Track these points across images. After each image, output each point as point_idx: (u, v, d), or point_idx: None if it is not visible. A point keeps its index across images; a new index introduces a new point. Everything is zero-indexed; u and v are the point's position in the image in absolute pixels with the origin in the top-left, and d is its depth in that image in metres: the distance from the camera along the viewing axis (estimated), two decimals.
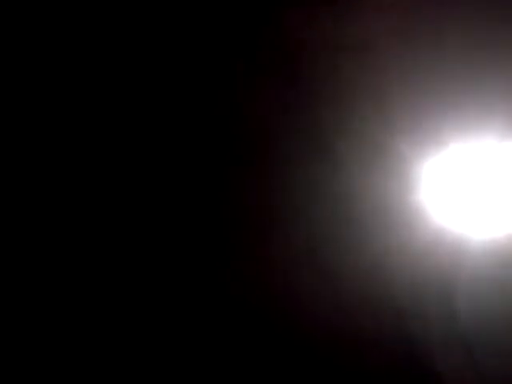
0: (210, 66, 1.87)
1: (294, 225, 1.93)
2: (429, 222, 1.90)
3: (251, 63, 1.88)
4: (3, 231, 1.83)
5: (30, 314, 1.85)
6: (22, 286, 1.85)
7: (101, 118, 1.86)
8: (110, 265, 1.87)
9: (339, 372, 1.93)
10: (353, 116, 1.89)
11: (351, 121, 1.89)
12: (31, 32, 1.76)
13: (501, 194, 1.87)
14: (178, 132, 1.88)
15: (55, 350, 1.85)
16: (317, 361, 1.92)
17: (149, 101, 1.87)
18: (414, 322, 1.92)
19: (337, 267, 1.94)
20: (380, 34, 1.87)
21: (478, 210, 1.88)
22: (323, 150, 1.90)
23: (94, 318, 1.87)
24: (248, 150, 1.92)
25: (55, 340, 1.85)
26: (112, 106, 1.85)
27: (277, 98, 1.90)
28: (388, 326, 1.93)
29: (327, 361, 1.92)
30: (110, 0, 1.81)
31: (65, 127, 1.83)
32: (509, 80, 1.84)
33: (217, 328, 1.91)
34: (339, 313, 1.94)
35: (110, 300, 1.87)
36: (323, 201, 1.91)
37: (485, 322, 1.90)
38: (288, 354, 1.91)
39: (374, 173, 1.90)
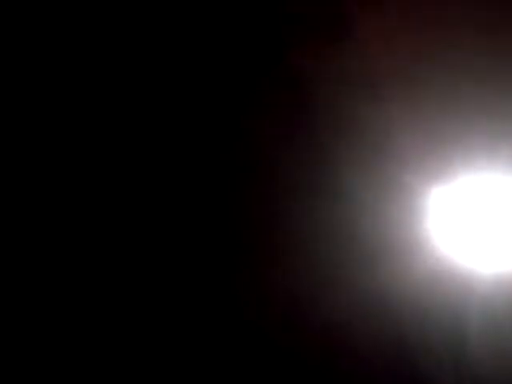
0: (218, 96, 1.90)
1: (299, 250, 1.93)
2: (435, 255, 1.89)
3: (259, 96, 1.91)
4: (3, 231, 1.84)
5: (30, 314, 1.85)
6: (22, 286, 1.85)
7: (104, 130, 1.88)
8: (116, 271, 1.88)
9: None
10: (359, 148, 1.91)
11: (358, 152, 1.90)
12: (31, 32, 1.77)
13: (507, 227, 1.87)
14: (183, 152, 1.90)
15: (55, 350, 1.84)
16: (318, 378, 1.91)
17: (155, 123, 1.90)
18: (422, 355, 1.90)
19: (342, 299, 1.93)
20: (385, 70, 1.89)
21: (486, 242, 1.88)
22: (329, 181, 1.91)
23: (97, 322, 1.86)
24: (251, 177, 1.93)
25: (55, 340, 1.84)
26: (116, 113, 1.87)
27: (283, 130, 1.92)
28: (395, 359, 1.91)
29: (330, 378, 1.91)
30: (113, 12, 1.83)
31: (65, 127, 1.84)
32: None
33: (220, 339, 1.90)
34: (345, 344, 1.93)
35: (114, 305, 1.87)
36: (329, 231, 1.91)
37: (494, 355, 1.87)
38: (288, 369, 1.91)
39: (382, 204, 1.90)
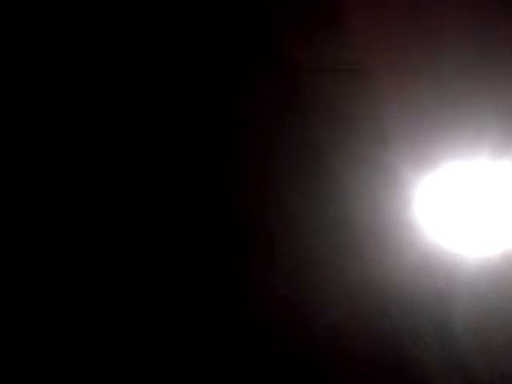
0: (205, 85, 1.90)
1: (291, 246, 1.95)
2: (424, 241, 1.91)
3: (248, 84, 1.92)
4: (3, 231, 1.84)
5: (30, 314, 1.85)
6: (22, 286, 1.85)
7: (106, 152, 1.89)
8: (114, 272, 1.89)
9: None
10: (349, 137, 1.92)
11: (348, 142, 1.92)
12: (31, 32, 1.76)
13: (494, 212, 1.90)
14: (174, 144, 1.91)
15: (55, 350, 1.85)
16: (315, 379, 1.92)
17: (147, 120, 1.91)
18: (409, 339, 1.92)
19: (332, 287, 1.95)
20: (376, 58, 1.90)
21: (472, 228, 1.90)
22: (319, 170, 1.92)
23: (94, 317, 1.87)
24: (243, 167, 1.94)
25: (55, 340, 1.85)
26: (110, 109, 1.87)
27: (274, 120, 1.93)
28: (383, 343, 1.93)
29: (326, 379, 1.92)
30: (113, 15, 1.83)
31: (65, 128, 1.84)
32: (501, 101, 1.87)
33: (216, 339, 1.91)
34: (335, 332, 1.94)
35: (111, 305, 1.88)
36: (319, 220, 1.93)
37: (480, 339, 1.90)
38: (285, 371, 1.92)
39: (370, 192, 1.92)
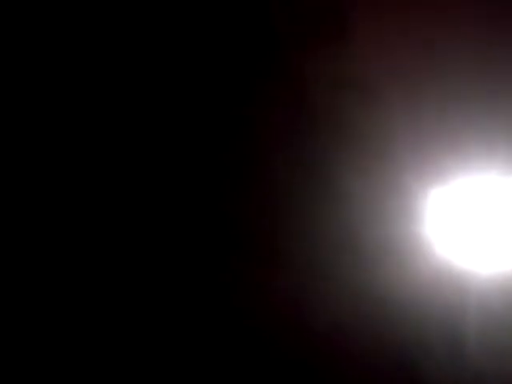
0: (213, 95, 1.90)
1: (298, 255, 1.94)
2: (434, 257, 1.90)
3: (255, 96, 1.92)
4: (3, 231, 1.84)
5: (30, 314, 1.84)
6: (22, 285, 1.84)
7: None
8: (112, 273, 1.88)
9: None
10: (356, 151, 1.92)
11: (355, 153, 1.91)
12: (31, 32, 1.77)
13: (505, 227, 1.88)
14: (177, 148, 1.90)
15: (55, 350, 1.84)
16: (315, 379, 1.91)
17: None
18: (421, 355, 1.91)
19: (342, 302, 1.94)
20: (382, 73, 1.90)
21: (483, 243, 1.89)
22: (327, 185, 1.91)
23: (93, 318, 1.86)
24: (246, 176, 1.94)
25: (55, 340, 1.84)
26: (110, 109, 1.87)
27: (279, 130, 1.93)
28: (394, 361, 1.91)
29: (326, 379, 1.91)
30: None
31: (65, 128, 1.84)
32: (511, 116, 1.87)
33: (216, 340, 1.91)
34: (343, 347, 1.93)
35: (111, 305, 1.87)
36: (328, 235, 1.92)
37: (492, 357, 1.88)
38: (285, 371, 1.91)
39: (379, 207, 1.91)
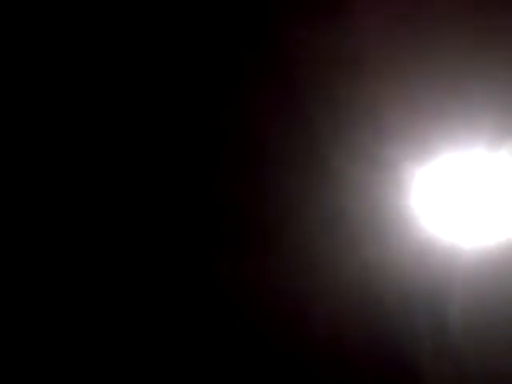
0: (203, 75, 1.90)
1: (285, 235, 1.94)
2: (420, 232, 1.90)
3: (247, 76, 1.91)
4: (3, 231, 1.85)
5: (30, 314, 1.85)
6: (22, 285, 1.85)
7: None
8: (108, 268, 1.89)
9: (328, 381, 1.92)
10: (346, 129, 1.92)
11: (345, 133, 1.91)
12: (31, 32, 1.78)
13: (491, 202, 1.88)
14: (169, 136, 1.91)
15: (55, 350, 1.85)
16: (306, 369, 1.91)
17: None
18: (404, 333, 1.91)
19: (328, 280, 1.94)
20: (373, 47, 1.90)
21: (468, 218, 1.89)
22: (316, 160, 1.91)
23: (90, 315, 1.87)
24: (240, 163, 1.94)
25: (55, 340, 1.85)
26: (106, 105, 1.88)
27: (272, 110, 1.93)
28: (378, 337, 1.92)
29: (316, 369, 1.91)
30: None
31: (65, 127, 1.85)
32: (498, 90, 1.86)
33: (216, 347, 1.91)
34: (329, 322, 1.93)
35: (108, 301, 1.88)
36: (314, 211, 1.92)
37: (477, 331, 1.88)
38: (279, 361, 1.91)
39: (366, 184, 1.91)
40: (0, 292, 1.85)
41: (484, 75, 1.84)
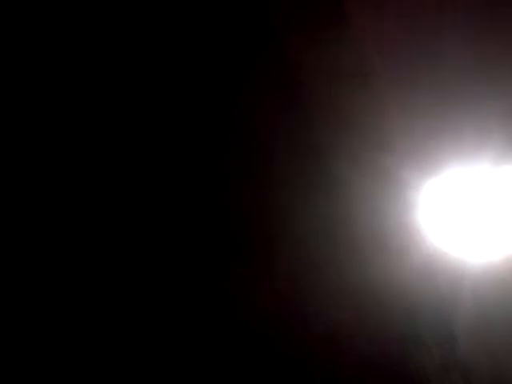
0: (207, 82, 1.89)
1: (293, 248, 1.95)
2: (426, 245, 1.91)
3: (252, 88, 1.91)
4: (3, 231, 1.85)
5: (30, 314, 1.86)
6: (22, 286, 1.86)
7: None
8: (111, 270, 1.89)
9: None
10: (352, 140, 1.92)
11: (350, 144, 1.91)
12: (31, 32, 1.77)
13: (497, 217, 1.89)
14: (175, 143, 1.91)
15: (55, 350, 1.86)
16: (314, 380, 1.93)
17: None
18: (412, 345, 1.92)
19: (334, 291, 1.95)
20: (379, 60, 1.90)
21: (475, 232, 1.90)
22: (322, 174, 1.92)
23: (94, 320, 1.88)
24: (244, 169, 1.94)
25: (55, 340, 1.86)
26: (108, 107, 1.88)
27: (276, 122, 1.93)
28: (387, 349, 1.93)
29: (327, 380, 1.93)
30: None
31: (65, 127, 1.85)
32: (505, 106, 1.86)
33: (219, 349, 1.92)
34: (336, 334, 1.94)
35: (115, 311, 1.89)
36: (321, 225, 1.93)
37: (482, 343, 1.90)
38: (285, 372, 1.92)
39: (372, 196, 1.92)
40: (0, 292, 1.86)
41: (491, 91, 1.85)
